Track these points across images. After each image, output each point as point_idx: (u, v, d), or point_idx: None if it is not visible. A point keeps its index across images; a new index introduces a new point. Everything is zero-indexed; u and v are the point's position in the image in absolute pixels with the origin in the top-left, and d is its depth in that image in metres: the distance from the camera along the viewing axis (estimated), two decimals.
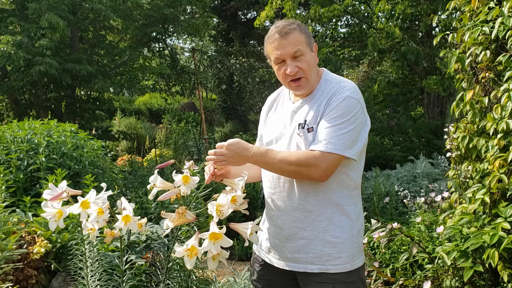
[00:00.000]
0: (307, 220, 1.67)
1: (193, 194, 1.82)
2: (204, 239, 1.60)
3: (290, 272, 1.74)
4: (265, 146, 1.82)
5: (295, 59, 1.65)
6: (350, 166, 1.68)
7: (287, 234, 1.70)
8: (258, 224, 1.70)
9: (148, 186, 1.80)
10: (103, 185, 1.88)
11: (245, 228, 1.67)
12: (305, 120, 1.68)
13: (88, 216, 1.82)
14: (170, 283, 2.10)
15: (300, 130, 1.67)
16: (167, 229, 1.74)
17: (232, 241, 1.61)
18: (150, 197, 1.80)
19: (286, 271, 1.74)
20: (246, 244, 1.67)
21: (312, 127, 1.65)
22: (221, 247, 1.61)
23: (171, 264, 2.05)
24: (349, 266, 1.67)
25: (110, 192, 1.86)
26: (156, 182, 1.78)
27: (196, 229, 1.84)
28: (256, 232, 1.71)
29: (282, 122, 1.78)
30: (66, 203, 1.91)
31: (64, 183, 1.90)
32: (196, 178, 1.74)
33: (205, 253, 1.63)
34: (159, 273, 2.03)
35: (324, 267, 1.66)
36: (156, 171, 1.80)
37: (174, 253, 1.66)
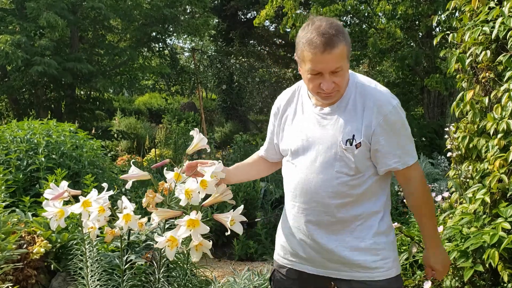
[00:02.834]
0: (348, 231, 1.60)
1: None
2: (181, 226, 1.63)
3: (326, 278, 1.67)
4: (289, 157, 1.67)
5: (333, 74, 1.49)
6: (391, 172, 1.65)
7: (329, 248, 1.61)
8: (244, 214, 1.73)
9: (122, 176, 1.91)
10: (105, 185, 1.89)
11: (226, 217, 1.69)
12: (353, 135, 1.54)
13: (89, 215, 1.83)
14: (166, 282, 2.10)
15: (347, 146, 1.53)
16: (153, 222, 1.77)
17: (209, 228, 1.63)
18: (128, 185, 1.90)
19: (321, 277, 1.67)
20: (228, 233, 1.68)
21: (360, 142, 1.53)
22: (202, 237, 1.64)
23: (164, 260, 2.05)
24: (393, 272, 1.63)
25: (111, 192, 1.87)
26: (132, 170, 1.88)
27: None
28: (242, 222, 1.73)
29: (308, 130, 1.61)
30: (66, 203, 1.91)
31: (65, 183, 1.91)
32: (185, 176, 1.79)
33: (188, 244, 1.65)
34: (156, 272, 2.03)
35: (370, 274, 1.60)
36: (132, 162, 1.91)
37: (156, 244, 1.68)
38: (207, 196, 1.74)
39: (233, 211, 1.70)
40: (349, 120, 1.55)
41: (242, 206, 1.75)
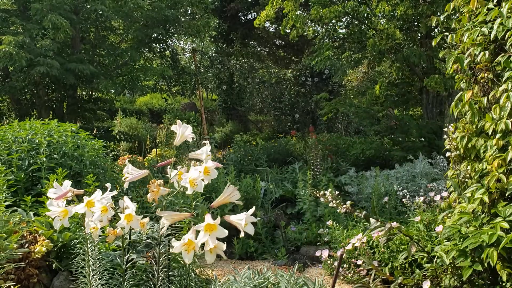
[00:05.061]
0: None
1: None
2: (199, 231, 1.63)
3: None
4: None
5: None
6: None
7: None
8: (253, 215, 1.71)
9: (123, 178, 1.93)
10: (108, 185, 1.91)
11: (239, 220, 1.68)
12: None
13: (93, 214, 1.85)
14: (167, 281, 2.11)
15: None
16: (163, 226, 1.78)
17: (227, 232, 1.63)
18: (125, 185, 1.93)
19: None
20: (242, 235, 1.68)
21: None
22: (217, 239, 1.63)
23: (164, 256, 2.07)
24: None
25: (114, 192, 1.90)
26: (128, 169, 1.89)
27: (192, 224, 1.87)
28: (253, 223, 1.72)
29: None
30: (69, 202, 1.93)
31: (68, 183, 1.93)
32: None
33: (203, 247, 1.65)
34: (154, 269, 2.05)
35: None
36: (127, 161, 1.95)
37: (172, 249, 1.68)
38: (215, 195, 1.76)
39: (246, 213, 1.69)
40: None
41: (254, 208, 1.74)
